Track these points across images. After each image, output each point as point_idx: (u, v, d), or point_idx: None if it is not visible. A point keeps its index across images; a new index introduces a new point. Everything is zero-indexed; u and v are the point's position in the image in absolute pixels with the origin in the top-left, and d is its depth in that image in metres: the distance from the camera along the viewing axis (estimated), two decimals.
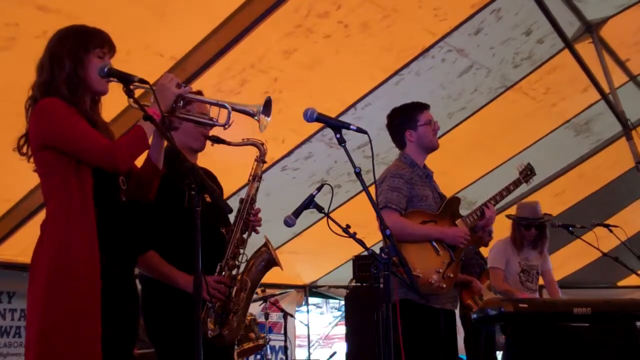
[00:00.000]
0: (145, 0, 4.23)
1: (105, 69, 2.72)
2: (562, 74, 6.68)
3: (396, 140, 4.39)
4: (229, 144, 3.35)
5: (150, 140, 2.80)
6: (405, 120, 4.30)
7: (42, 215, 2.77)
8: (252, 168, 3.46)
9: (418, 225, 4.12)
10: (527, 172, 4.60)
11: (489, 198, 4.36)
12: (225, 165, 4.29)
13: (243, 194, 3.47)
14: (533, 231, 5.86)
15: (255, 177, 3.44)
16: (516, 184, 4.53)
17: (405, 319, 3.86)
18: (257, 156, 3.46)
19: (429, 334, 4.02)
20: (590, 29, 6.32)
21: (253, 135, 3.42)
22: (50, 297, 2.56)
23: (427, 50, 5.63)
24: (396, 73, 5.71)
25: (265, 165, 3.52)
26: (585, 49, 6.37)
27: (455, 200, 4.34)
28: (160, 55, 4.54)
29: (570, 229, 5.67)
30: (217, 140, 3.36)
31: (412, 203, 4.14)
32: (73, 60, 2.73)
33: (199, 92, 3.17)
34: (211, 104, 2.97)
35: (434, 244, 4.12)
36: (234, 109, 2.87)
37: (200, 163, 3.48)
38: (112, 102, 3.00)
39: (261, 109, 2.91)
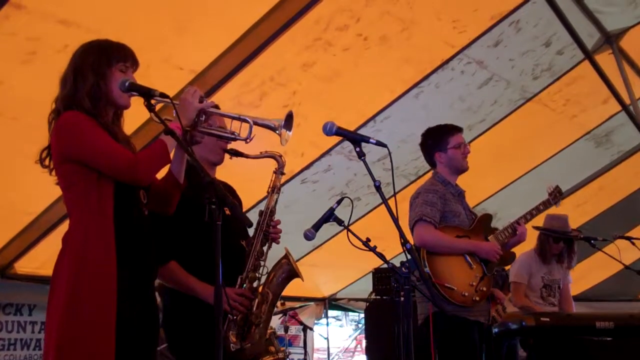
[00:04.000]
0: (164, 14, 4.26)
1: (127, 84, 2.73)
2: (582, 85, 6.64)
3: (428, 160, 4.51)
4: (247, 156, 3.34)
5: (171, 154, 2.80)
6: (435, 142, 4.40)
7: (62, 228, 2.78)
8: (271, 180, 3.45)
9: (453, 238, 4.19)
10: (556, 194, 4.77)
11: (520, 217, 4.48)
12: (244, 178, 4.29)
13: (262, 206, 3.46)
14: (561, 245, 5.82)
15: (274, 189, 3.43)
16: (546, 204, 4.71)
17: (439, 330, 3.88)
18: (275, 168, 3.46)
19: (463, 346, 4.05)
20: (610, 40, 6.29)
21: (271, 148, 3.42)
22: (68, 312, 2.56)
23: (446, 62, 5.63)
24: (415, 85, 5.70)
25: (285, 178, 3.51)
26: (605, 60, 6.34)
27: (487, 217, 4.43)
28: (179, 68, 4.56)
29: (592, 241, 5.60)
30: (235, 153, 3.36)
31: (445, 219, 4.22)
32: (96, 74, 2.74)
33: (216, 106, 3.17)
34: (233, 118, 2.94)
35: (468, 258, 4.19)
36: (255, 123, 2.86)
37: (219, 176, 3.48)
38: (133, 115, 3.01)
39: (282, 123, 2.90)
